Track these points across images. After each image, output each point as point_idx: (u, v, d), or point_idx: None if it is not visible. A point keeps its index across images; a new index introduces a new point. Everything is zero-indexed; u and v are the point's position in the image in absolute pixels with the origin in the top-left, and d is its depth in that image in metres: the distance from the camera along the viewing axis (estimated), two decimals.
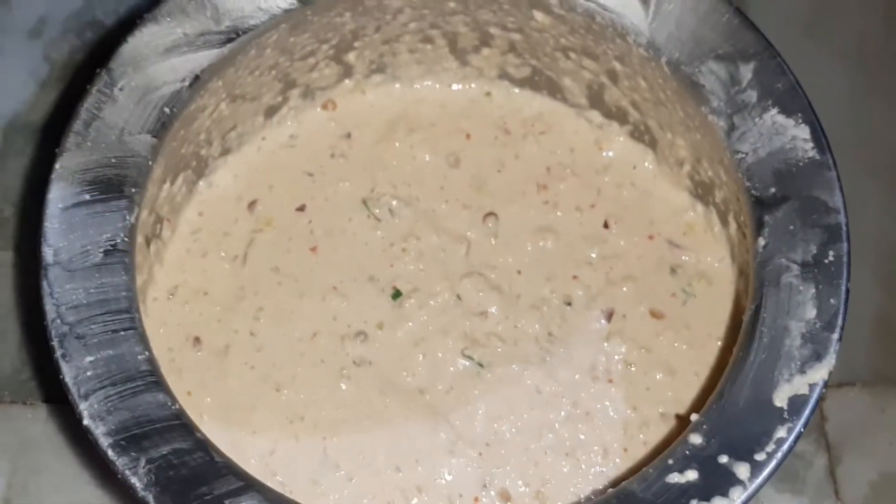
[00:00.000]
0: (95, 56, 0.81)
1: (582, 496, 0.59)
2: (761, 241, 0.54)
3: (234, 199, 0.67)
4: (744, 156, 0.56)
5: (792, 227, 0.54)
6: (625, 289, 0.65)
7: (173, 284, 0.64)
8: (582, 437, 0.61)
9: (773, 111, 0.56)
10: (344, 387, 0.62)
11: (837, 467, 0.69)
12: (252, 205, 0.67)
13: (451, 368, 0.62)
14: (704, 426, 0.50)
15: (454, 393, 0.62)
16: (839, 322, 0.51)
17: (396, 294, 0.64)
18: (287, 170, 0.68)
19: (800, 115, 0.56)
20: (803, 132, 0.55)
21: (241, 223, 0.67)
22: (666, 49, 0.59)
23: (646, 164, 0.68)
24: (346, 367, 0.62)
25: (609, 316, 0.64)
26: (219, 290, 0.64)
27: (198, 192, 0.67)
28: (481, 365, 0.62)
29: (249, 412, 0.61)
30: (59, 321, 0.50)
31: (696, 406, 0.61)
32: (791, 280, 0.52)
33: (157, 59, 0.56)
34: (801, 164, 0.55)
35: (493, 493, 0.60)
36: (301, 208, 0.67)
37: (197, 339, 0.63)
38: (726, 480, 0.48)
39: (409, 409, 0.61)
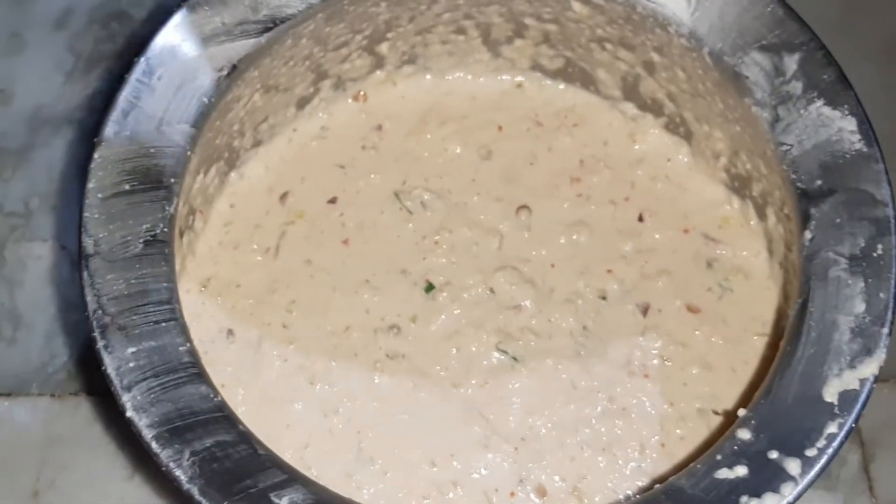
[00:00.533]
0: (121, 47, 0.81)
1: (619, 492, 0.59)
2: (808, 235, 0.54)
3: (265, 190, 0.67)
4: (788, 148, 0.55)
5: (839, 221, 0.53)
6: (660, 283, 0.64)
7: (206, 276, 0.64)
8: (618, 432, 0.60)
9: (819, 103, 0.55)
10: (377, 380, 0.61)
11: (871, 464, 0.69)
12: (283, 197, 0.67)
13: (485, 362, 0.62)
14: (753, 421, 0.49)
15: (488, 387, 0.61)
16: (889, 316, 0.50)
17: (429, 287, 0.64)
18: (318, 162, 0.68)
19: (846, 106, 0.55)
20: (850, 124, 0.55)
21: (272, 215, 0.66)
22: (708, 39, 0.58)
23: (681, 156, 0.68)
24: (380, 361, 0.62)
25: (644, 310, 0.63)
26: (251, 282, 0.64)
27: (229, 183, 0.66)
28: (515, 359, 0.62)
29: (283, 405, 0.61)
30: (100, 312, 0.49)
31: (734, 402, 0.60)
32: (839, 274, 0.52)
33: (194, 48, 0.56)
34: (847, 156, 0.54)
35: (528, 488, 0.59)
36: (332, 200, 0.67)
37: (230, 332, 0.63)
38: (777, 476, 0.48)
39: (444, 403, 0.61)
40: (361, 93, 0.70)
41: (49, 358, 0.71)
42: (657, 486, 0.50)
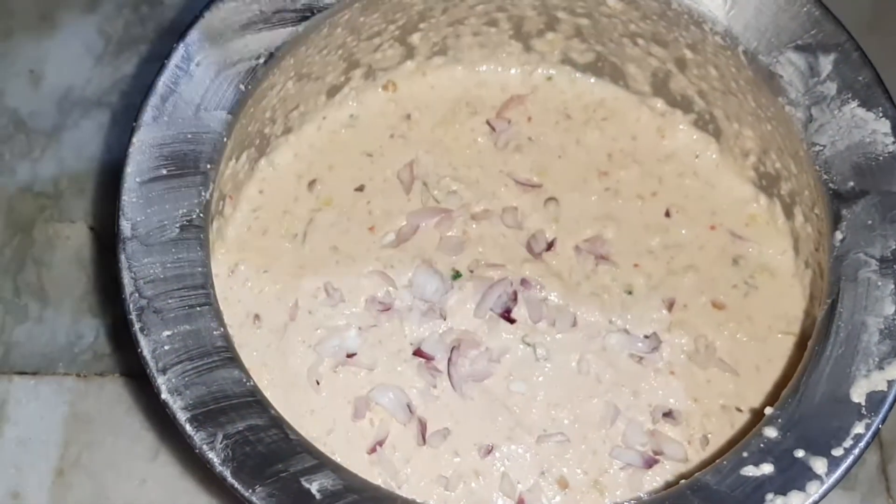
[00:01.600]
0: (150, 32, 0.81)
1: (641, 487, 0.59)
2: (838, 235, 0.54)
3: (294, 177, 0.67)
4: (821, 148, 0.55)
5: (870, 222, 0.53)
6: (686, 279, 0.64)
7: (234, 262, 0.64)
8: (642, 427, 0.60)
9: (853, 104, 0.56)
10: (399, 369, 0.62)
11: (890, 465, 0.69)
12: (312, 184, 0.67)
13: (509, 355, 0.62)
14: (779, 420, 0.50)
15: (513, 379, 0.62)
16: None
17: (456, 276, 0.64)
18: (347, 150, 0.68)
19: (880, 109, 0.55)
20: (884, 126, 0.55)
21: (300, 202, 0.67)
22: (743, 38, 0.58)
23: (709, 153, 0.68)
24: (403, 349, 0.62)
25: (670, 306, 0.64)
26: (278, 268, 0.64)
27: (259, 170, 0.66)
28: (540, 352, 0.62)
29: (308, 391, 0.61)
30: (136, 295, 0.50)
31: (759, 399, 0.61)
32: (869, 275, 0.52)
33: (233, 35, 0.56)
34: (880, 158, 0.54)
35: (550, 479, 0.60)
36: (360, 188, 0.67)
37: (257, 317, 0.63)
38: (803, 475, 0.48)
39: (468, 394, 0.61)
40: (391, 82, 0.70)
41: (75, 338, 0.72)
42: (682, 481, 0.50)
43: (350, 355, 0.62)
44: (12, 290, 0.72)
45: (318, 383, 0.61)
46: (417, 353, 0.61)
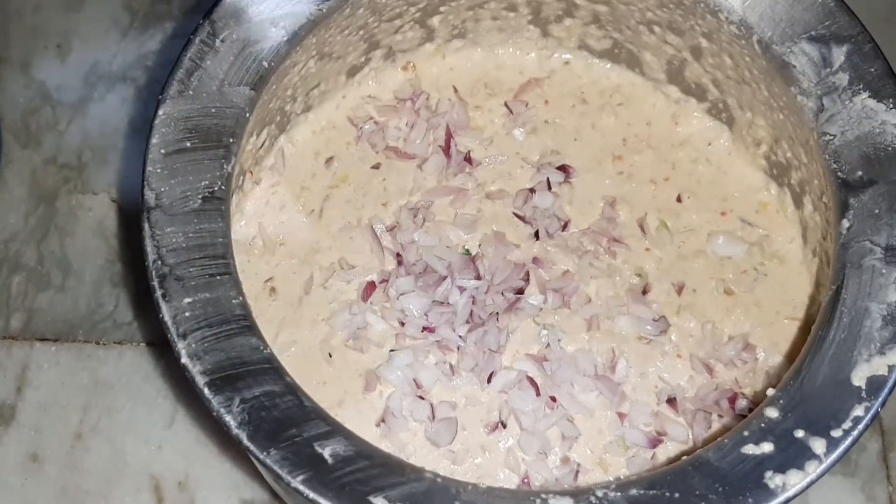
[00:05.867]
0: (175, 8, 0.82)
1: (645, 465, 0.60)
2: (845, 223, 0.55)
3: (312, 154, 0.68)
4: (831, 138, 0.56)
5: (877, 211, 0.54)
6: (696, 263, 0.65)
7: (251, 235, 0.66)
8: (648, 408, 0.61)
9: (864, 95, 0.56)
10: (409, 344, 0.62)
11: (891, 453, 0.70)
12: (329, 161, 0.68)
13: (519, 333, 0.63)
14: (781, 401, 0.51)
15: (522, 357, 0.63)
16: None
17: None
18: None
19: (891, 100, 0.56)
20: (894, 118, 0.56)
21: (318, 178, 0.68)
22: (758, 27, 0.59)
23: (721, 141, 0.69)
24: (414, 325, 0.63)
25: (679, 289, 0.64)
26: (295, 242, 0.66)
27: (278, 145, 0.68)
28: (550, 331, 0.63)
29: (320, 363, 0.62)
30: (159, 262, 0.51)
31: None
32: (874, 263, 0.53)
33: (257, 13, 0.57)
34: (889, 148, 0.55)
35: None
36: (376, 166, 0.68)
37: (273, 290, 0.64)
38: (802, 454, 0.49)
39: (478, 372, 0.62)
40: (411, 63, 0.71)
41: (96, 307, 0.73)
42: (684, 457, 0.51)
43: (362, 329, 0.63)
44: (36, 258, 0.74)
45: (330, 356, 0.62)
46: (427, 329, 0.62)
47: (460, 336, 0.62)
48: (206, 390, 0.49)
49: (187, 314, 0.50)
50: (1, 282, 0.73)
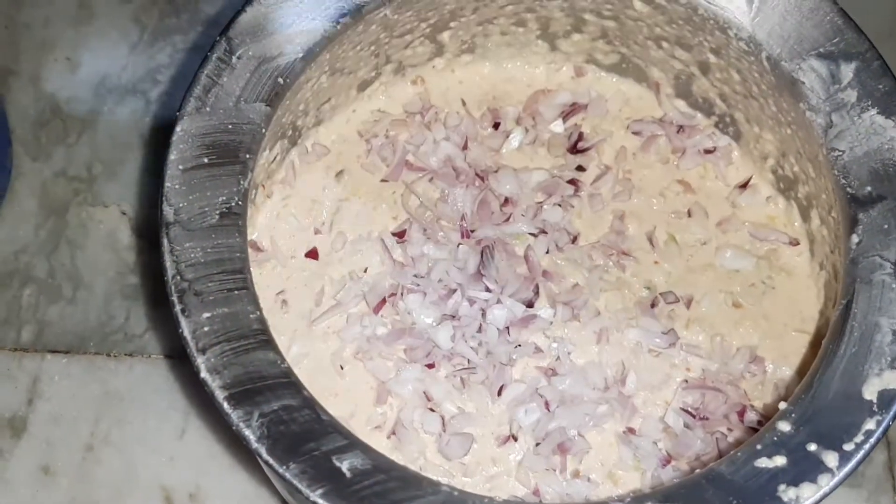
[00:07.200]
0: (184, 22, 0.83)
1: (656, 478, 0.61)
2: (854, 239, 0.55)
3: (322, 168, 0.69)
4: (840, 153, 0.57)
5: (886, 227, 0.55)
6: (704, 276, 0.66)
7: (264, 248, 0.66)
8: (658, 421, 0.62)
9: (873, 111, 0.57)
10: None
11: None
12: (339, 174, 0.69)
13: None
14: (793, 414, 0.51)
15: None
16: None
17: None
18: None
19: None
20: None
21: (328, 192, 0.68)
22: (767, 44, 0.60)
23: (729, 155, 0.69)
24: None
25: (688, 302, 0.65)
26: (305, 255, 0.66)
27: (289, 159, 0.68)
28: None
29: (332, 376, 0.63)
30: (178, 277, 0.52)
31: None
32: (884, 278, 0.54)
33: (273, 30, 0.58)
34: None
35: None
36: (386, 180, 0.69)
37: (284, 302, 0.65)
38: (815, 468, 0.50)
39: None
40: (420, 78, 0.71)
41: (107, 319, 0.74)
42: (697, 470, 0.51)
43: (372, 342, 0.63)
44: (46, 270, 0.75)
45: (341, 368, 0.63)
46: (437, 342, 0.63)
47: (471, 349, 0.62)
48: (225, 404, 0.49)
49: (206, 329, 0.51)
50: (12, 294, 0.74)
